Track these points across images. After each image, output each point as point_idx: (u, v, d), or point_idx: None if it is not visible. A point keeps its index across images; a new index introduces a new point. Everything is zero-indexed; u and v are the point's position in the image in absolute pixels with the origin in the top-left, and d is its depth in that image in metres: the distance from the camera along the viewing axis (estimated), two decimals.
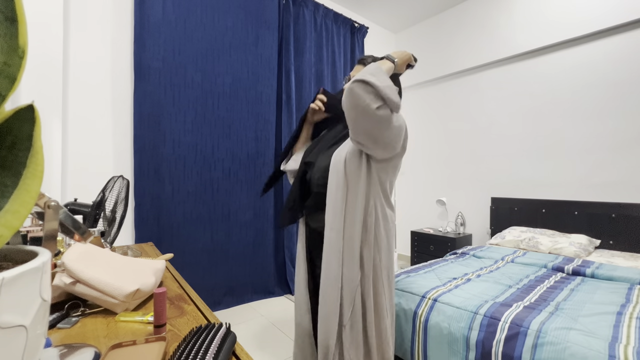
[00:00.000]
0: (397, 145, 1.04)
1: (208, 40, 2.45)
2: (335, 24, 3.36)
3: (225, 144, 2.55)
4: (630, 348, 1.03)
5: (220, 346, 0.50)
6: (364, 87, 0.93)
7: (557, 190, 2.81)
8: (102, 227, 1.11)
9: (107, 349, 0.51)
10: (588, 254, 2.31)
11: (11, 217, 0.27)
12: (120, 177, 1.19)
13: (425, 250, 3.32)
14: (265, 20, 2.75)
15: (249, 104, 2.67)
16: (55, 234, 0.64)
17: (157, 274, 0.81)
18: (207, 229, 2.46)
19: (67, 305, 0.66)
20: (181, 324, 0.64)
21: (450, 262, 2.15)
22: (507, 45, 3.09)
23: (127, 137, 2.19)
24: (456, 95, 3.58)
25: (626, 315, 1.29)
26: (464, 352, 1.28)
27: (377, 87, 0.92)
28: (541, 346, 1.12)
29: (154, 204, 2.22)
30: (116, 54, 2.15)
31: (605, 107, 2.57)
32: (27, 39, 0.28)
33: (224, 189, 2.54)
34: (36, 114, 0.29)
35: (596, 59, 2.62)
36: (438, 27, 3.70)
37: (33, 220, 1.05)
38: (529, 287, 1.65)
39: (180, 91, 2.33)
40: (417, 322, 1.45)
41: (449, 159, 3.63)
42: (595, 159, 2.61)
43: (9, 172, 0.29)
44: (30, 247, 0.35)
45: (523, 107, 3.04)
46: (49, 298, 0.32)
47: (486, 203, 3.29)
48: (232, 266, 2.58)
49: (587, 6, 2.61)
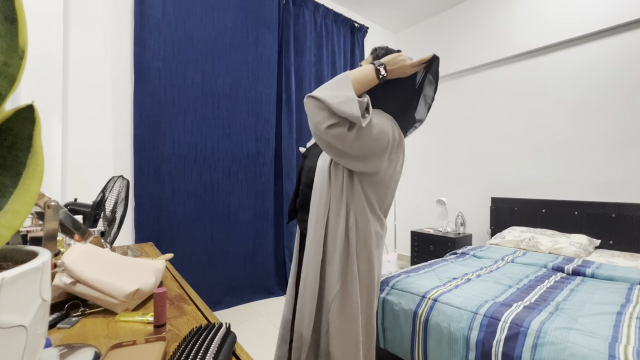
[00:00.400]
0: (376, 160, 0.95)
1: (208, 40, 2.45)
2: (335, 24, 3.36)
3: (225, 144, 2.55)
4: (630, 348, 1.03)
5: (220, 346, 0.50)
6: (315, 103, 0.86)
7: (557, 190, 2.81)
8: (102, 227, 1.11)
9: (107, 349, 0.51)
10: (588, 254, 2.31)
11: (11, 217, 0.27)
12: (120, 177, 1.19)
13: (425, 250, 3.32)
14: (265, 20, 2.75)
15: (249, 104, 2.67)
16: (55, 234, 0.64)
17: (157, 274, 0.81)
18: (207, 229, 2.46)
19: (67, 305, 0.66)
20: (181, 324, 0.64)
21: (450, 262, 2.15)
22: (508, 45, 3.09)
23: (127, 137, 2.19)
24: (456, 95, 3.58)
25: (626, 315, 1.29)
26: (464, 352, 1.28)
27: (328, 104, 0.84)
28: (541, 346, 1.12)
29: (154, 204, 2.22)
30: (116, 54, 2.15)
31: (605, 107, 2.57)
32: (27, 39, 0.28)
33: (224, 189, 2.54)
34: (36, 114, 0.29)
35: (596, 58, 2.62)
36: (438, 27, 3.70)
37: (33, 220, 1.05)
38: (529, 287, 1.65)
39: (180, 91, 2.33)
40: (417, 322, 1.45)
41: (449, 159, 3.63)
42: (595, 159, 2.61)
43: (9, 172, 0.29)
44: (30, 247, 0.35)
45: (523, 107, 3.04)
46: (49, 298, 0.32)
47: (486, 203, 3.29)
48: (232, 266, 2.58)
49: (588, 6, 2.61)
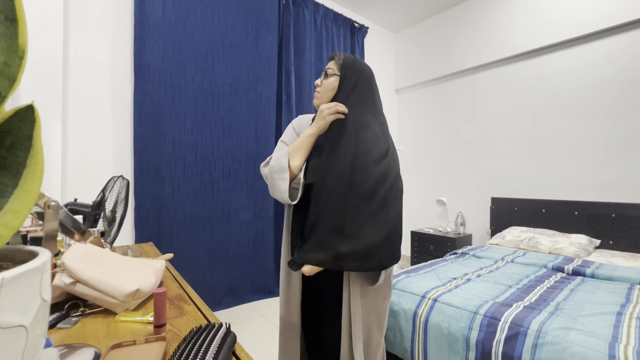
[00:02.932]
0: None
1: (208, 40, 2.45)
2: (335, 24, 3.36)
3: (225, 144, 2.55)
4: (630, 348, 1.03)
5: (220, 346, 0.50)
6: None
7: (557, 190, 2.81)
8: (102, 227, 1.11)
9: (107, 349, 0.51)
10: (588, 254, 2.31)
11: (11, 217, 0.27)
12: (120, 177, 1.19)
13: (425, 250, 3.32)
14: (265, 20, 2.75)
15: (249, 104, 2.67)
16: (55, 234, 0.64)
17: (157, 274, 0.81)
18: (207, 229, 2.46)
19: (67, 305, 0.66)
20: (181, 324, 0.64)
21: (450, 262, 2.15)
22: (508, 45, 3.09)
23: (127, 137, 2.19)
24: (456, 95, 3.58)
25: (626, 315, 1.29)
26: (464, 352, 1.28)
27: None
28: (541, 346, 1.12)
29: (154, 204, 2.22)
30: (116, 54, 2.15)
31: (605, 107, 2.57)
32: (27, 39, 0.28)
33: (224, 189, 2.54)
34: (36, 114, 0.29)
35: (597, 58, 2.62)
36: (438, 27, 3.70)
37: (33, 220, 1.05)
38: (529, 287, 1.65)
39: (180, 91, 2.33)
40: (417, 322, 1.45)
41: (449, 158, 3.63)
42: (596, 159, 2.61)
43: (9, 172, 0.29)
44: (30, 247, 0.35)
45: (523, 107, 3.04)
46: (49, 298, 0.32)
47: (486, 203, 3.29)
48: (232, 266, 2.58)
49: (588, 6, 2.61)
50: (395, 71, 4.18)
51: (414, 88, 4.01)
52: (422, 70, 3.84)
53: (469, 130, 3.45)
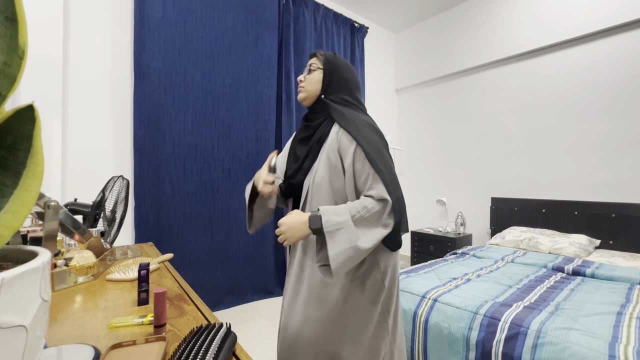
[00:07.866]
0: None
1: (208, 40, 2.44)
2: (335, 24, 3.36)
3: (225, 144, 2.55)
4: (630, 348, 1.03)
5: (220, 346, 0.50)
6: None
7: (557, 190, 2.81)
8: (102, 227, 1.11)
9: (107, 349, 0.51)
10: (588, 254, 2.31)
11: (11, 217, 0.27)
12: (120, 177, 1.19)
13: (425, 250, 3.32)
14: (265, 20, 2.75)
15: (249, 104, 2.67)
16: (55, 234, 0.64)
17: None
18: (207, 229, 2.46)
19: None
20: (181, 324, 0.64)
21: (450, 262, 2.15)
22: (507, 45, 3.09)
23: (127, 137, 2.19)
24: (456, 95, 3.58)
25: (626, 315, 1.29)
26: (464, 352, 1.28)
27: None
28: (541, 346, 1.12)
29: (154, 204, 2.22)
30: (116, 54, 2.15)
31: (605, 107, 2.57)
32: (27, 39, 0.28)
33: (224, 189, 2.54)
34: (36, 114, 0.29)
35: (597, 58, 2.62)
36: (438, 27, 3.70)
37: (33, 220, 1.05)
38: (529, 287, 1.65)
39: (180, 91, 2.33)
40: (417, 322, 1.45)
41: (449, 158, 3.63)
42: (595, 158, 2.61)
43: (9, 172, 0.29)
44: (30, 247, 0.35)
45: (523, 107, 3.04)
46: (49, 298, 0.32)
47: (486, 203, 3.29)
48: (232, 266, 2.58)
49: (588, 6, 2.61)
50: (395, 71, 4.18)
51: (414, 88, 4.01)
52: (422, 70, 3.84)
53: (469, 130, 3.45)
